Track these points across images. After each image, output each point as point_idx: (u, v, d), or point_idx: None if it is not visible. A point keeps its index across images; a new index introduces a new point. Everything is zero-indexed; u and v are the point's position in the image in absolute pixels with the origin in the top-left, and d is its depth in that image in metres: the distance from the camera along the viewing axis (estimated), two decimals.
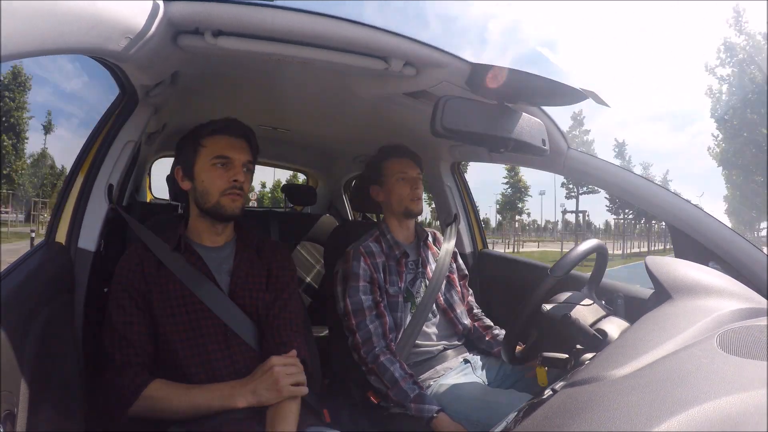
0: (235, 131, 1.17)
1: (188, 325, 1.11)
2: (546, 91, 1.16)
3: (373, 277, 1.49)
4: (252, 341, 1.15)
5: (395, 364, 1.38)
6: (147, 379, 1.04)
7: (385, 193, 1.62)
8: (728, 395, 0.48)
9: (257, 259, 1.23)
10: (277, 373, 1.03)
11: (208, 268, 1.17)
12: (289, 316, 1.19)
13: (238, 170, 1.15)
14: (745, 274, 1.20)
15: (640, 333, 0.73)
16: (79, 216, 1.23)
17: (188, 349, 1.09)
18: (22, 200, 25.61)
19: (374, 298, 1.47)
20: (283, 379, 1.03)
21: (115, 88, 1.22)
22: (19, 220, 24.54)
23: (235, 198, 1.14)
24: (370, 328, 1.42)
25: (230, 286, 1.17)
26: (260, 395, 1.02)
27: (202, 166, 1.15)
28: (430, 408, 1.29)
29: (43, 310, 0.95)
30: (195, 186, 1.16)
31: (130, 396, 1.02)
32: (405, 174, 1.60)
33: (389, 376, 1.35)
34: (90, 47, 0.70)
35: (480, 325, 1.68)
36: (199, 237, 1.20)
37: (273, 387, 1.02)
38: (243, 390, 1.03)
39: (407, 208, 1.59)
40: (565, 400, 0.60)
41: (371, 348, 1.41)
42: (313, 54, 1.09)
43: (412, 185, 1.59)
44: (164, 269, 1.13)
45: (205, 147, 1.15)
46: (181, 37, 1.00)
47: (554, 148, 1.43)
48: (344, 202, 3.17)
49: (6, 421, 0.71)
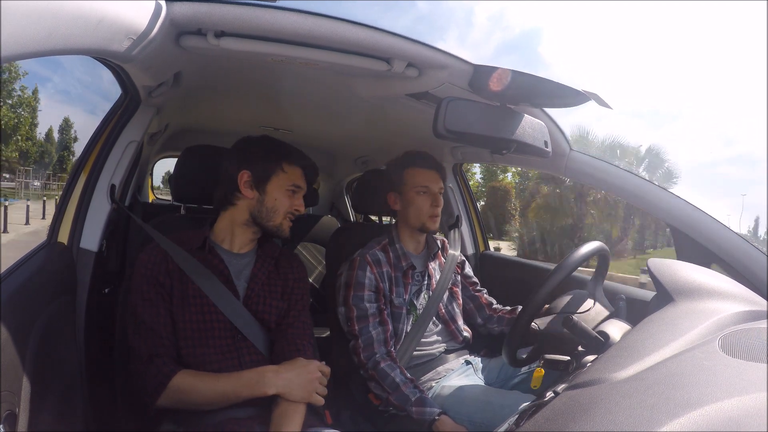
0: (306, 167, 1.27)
1: (201, 325, 1.12)
2: (548, 93, 1.16)
3: (378, 287, 1.48)
4: (261, 346, 1.16)
5: (395, 369, 1.37)
6: (174, 368, 1.05)
7: (403, 203, 1.55)
8: (730, 398, 0.48)
9: (274, 270, 1.26)
10: (316, 377, 1.06)
11: (228, 272, 1.18)
12: (302, 325, 1.22)
13: (300, 200, 1.25)
14: (746, 277, 1.20)
15: (642, 335, 0.73)
16: (82, 216, 1.23)
17: (198, 348, 1.11)
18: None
19: (378, 306, 1.46)
20: (317, 385, 1.06)
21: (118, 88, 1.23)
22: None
23: (290, 222, 1.25)
24: (373, 334, 1.42)
25: (246, 292, 1.19)
26: (291, 389, 1.03)
27: (277, 187, 1.20)
28: (432, 411, 1.28)
29: (45, 309, 0.95)
30: (262, 199, 1.19)
31: (158, 386, 1.02)
32: (427, 187, 1.52)
33: (390, 382, 1.35)
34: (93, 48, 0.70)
35: (504, 312, 1.65)
36: (227, 242, 1.22)
37: (306, 386, 1.04)
38: (275, 378, 1.04)
39: (424, 224, 1.53)
40: (566, 402, 0.60)
41: (372, 354, 1.40)
42: (316, 55, 1.10)
43: (432, 201, 1.52)
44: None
45: (285, 173, 1.22)
46: (183, 38, 1.00)
47: (556, 150, 1.43)
48: (346, 203, 3.17)
49: (7, 420, 0.72)
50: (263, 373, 1.05)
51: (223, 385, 1.03)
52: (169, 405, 1.04)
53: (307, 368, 1.07)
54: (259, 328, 1.18)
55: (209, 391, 1.03)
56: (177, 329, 1.11)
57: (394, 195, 1.57)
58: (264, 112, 2.03)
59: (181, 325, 1.11)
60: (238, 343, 1.14)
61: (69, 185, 1.29)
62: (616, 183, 1.45)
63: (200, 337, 1.11)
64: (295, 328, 1.21)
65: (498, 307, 1.69)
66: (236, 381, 1.04)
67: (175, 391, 1.03)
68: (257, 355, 1.15)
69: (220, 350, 1.12)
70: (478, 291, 1.72)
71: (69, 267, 1.17)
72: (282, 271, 1.26)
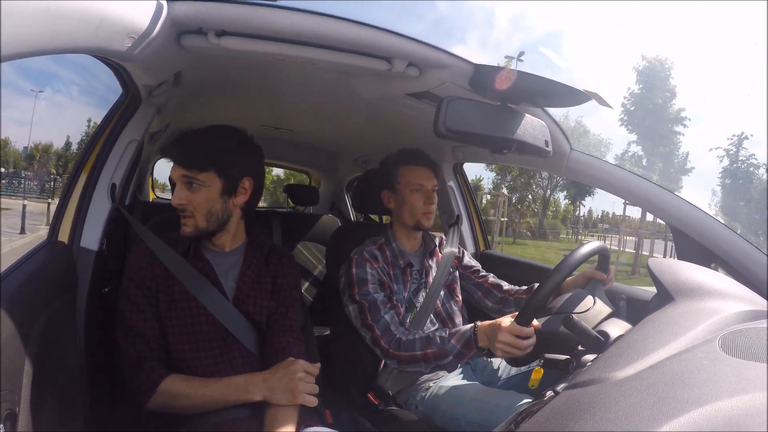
0: None
1: (190, 327, 1.11)
2: (549, 92, 1.16)
3: (382, 279, 1.47)
4: (252, 346, 1.16)
5: (417, 333, 1.36)
6: (163, 373, 1.05)
7: (397, 201, 1.55)
8: (730, 397, 0.48)
9: (264, 267, 1.24)
10: (298, 378, 1.04)
11: (215, 273, 1.17)
12: (289, 323, 1.20)
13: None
14: (746, 277, 1.20)
15: (642, 335, 0.73)
16: (82, 215, 1.23)
17: (188, 351, 1.10)
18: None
19: (386, 294, 1.45)
20: (302, 386, 1.03)
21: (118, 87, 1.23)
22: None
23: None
24: (387, 318, 1.39)
25: (235, 292, 1.18)
26: (275, 393, 1.02)
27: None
28: (466, 329, 1.26)
29: (46, 308, 0.95)
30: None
31: (147, 391, 1.02)
32: (421, 185, 1.51)
33: (420, 343, 1.32)
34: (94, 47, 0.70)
35: (520, 293, 1.59)
36: (211, 241, 1.20)
37: (290, 389, 1.02)
38: (260, 384, 1.03)
39: (418, 222, 1.53)
40: (566, 401, 0.60)
41: (392, 336, 1.37)
42: (316, 54, 1.10)
43: (426, 198, 1.52)
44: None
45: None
46: (184, 37, 1.00)
47: (557, 150, 1.43)
48: (346, 202, 3.17)
49: (7, 420, 0.72)
50: (250, 379, 1.04)
51: (211, 391, 1.03)
52: (159, 409, 1.04)
53: (289, 370, 1.05)
54: (250, 328, 1.17)
55: (197, 396, 1.03)
56: (166, 333, 1.10)
57: (388, 193, 1.57)
58: (265, 111, 2.03)
59: (170, 328, 1.10)
60: (229, 345, 1.13)
61: (69, 184, 1.29)
62: (617, 183, 1.45)
63: (190, 341, 1.11)
64: (282, 326, 1.19)
65: (511, 288, 1.63)
66: (224, 387, 1.04)
67: (165, 395, 1.03)
68: (249, 356, 1.15)
69: (211, 352, 1.12)
70: (482, 277, 1.68)
71: (69, 266, 1.17)
72: (272, 267, 1.24)
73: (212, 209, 1.13)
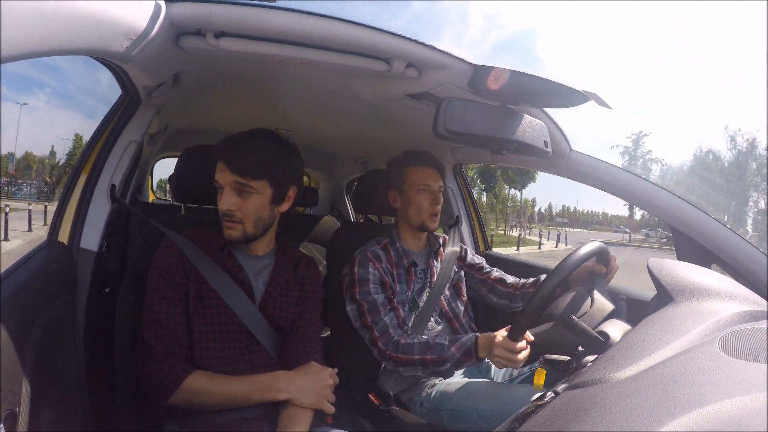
0: None
1: (215, 327, 1.11)
2: (548, 93, 1.15)
3: (384, 280, 1.47)
4: (273, 349, 1.16)
5: (415, 337, 1.37)
6: (188, 369, 1.04)
7: (403, 201, 1.57)
8: (730, 398, 0.48)
9: (293, 274, 1.25)
10: (328, 384, 1.06)
11: (245, 275, 1.17)
12: (313, 329, 1.22)
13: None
14: (746, 277, 1.20)
15: (642, 335, 0.73)
16: (82, 216, 1.23)
17: (211, 350, 1.10)
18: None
19: (387, 296, 1.46)
20: (328, 392, 1.05)
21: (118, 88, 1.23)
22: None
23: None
24: (386, 320, 1.40)
25: (264, 295, 1.18)
26: (303, 395, 1.03)
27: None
28: (467, 338, 1.29)
29: (45, 309, 0.95)
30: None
31: (171, 386, 1.02)
32: (427, 185, 1.53)
33: (418, 347, 1.34)
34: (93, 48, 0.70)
35: (528, 287, 1.59)
36: (248, 245, 1.20)
37: (317, 393, 1.04)
38: (287, 384, 1.04)
39: (424, 223, 1.55)
40: (567, 402, 0.60)
41: (389, 338, 1.38)
42: (315, 55, 1.09)
43: (432, 199, 1.53)
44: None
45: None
46: (183, 39, 1.00)
47: (556, 150, 1.43)
48: (346, 203, 3.17)
49: (7, 420, 0.72)
50: (276, 378, 1.05)
51: (234, 388, 1.03)
52: (180, 405, 1.04)
53: (319, 375, 1.07)
54: (273, 332, 1.18)
55: (221, 393, 1.03)
56: (191, 330, 1.10)
57: (395, 193, 1.59)
58: (264, 112, 2.03)
59: (196, 326, 1.10)
60: (251, 347, 1.14)
61: (69, 185, 1.29)
62: (616, 183, 1.45)
63: (214, 339, 1.11)
64: (306, 332, 1.20)
65: (517, 282, 1.63)
66: (249, 384, 1.04)
67: (187, 392, 1.02)
68: (269, 359, 1.15)
69: (233, 353, 1.12)
70: (485, 273, 1.69)
71: (69, 267, 1.17)
72: (300, 275, 1.25)
73: (261, 216, 1.13)
